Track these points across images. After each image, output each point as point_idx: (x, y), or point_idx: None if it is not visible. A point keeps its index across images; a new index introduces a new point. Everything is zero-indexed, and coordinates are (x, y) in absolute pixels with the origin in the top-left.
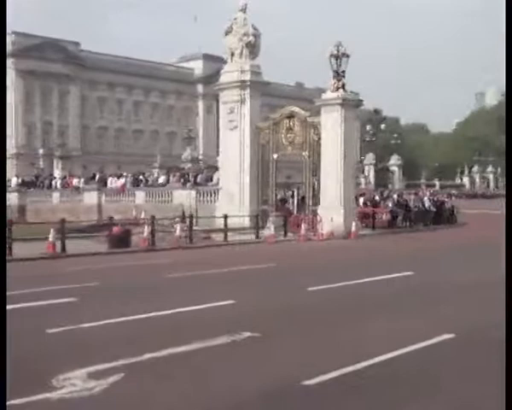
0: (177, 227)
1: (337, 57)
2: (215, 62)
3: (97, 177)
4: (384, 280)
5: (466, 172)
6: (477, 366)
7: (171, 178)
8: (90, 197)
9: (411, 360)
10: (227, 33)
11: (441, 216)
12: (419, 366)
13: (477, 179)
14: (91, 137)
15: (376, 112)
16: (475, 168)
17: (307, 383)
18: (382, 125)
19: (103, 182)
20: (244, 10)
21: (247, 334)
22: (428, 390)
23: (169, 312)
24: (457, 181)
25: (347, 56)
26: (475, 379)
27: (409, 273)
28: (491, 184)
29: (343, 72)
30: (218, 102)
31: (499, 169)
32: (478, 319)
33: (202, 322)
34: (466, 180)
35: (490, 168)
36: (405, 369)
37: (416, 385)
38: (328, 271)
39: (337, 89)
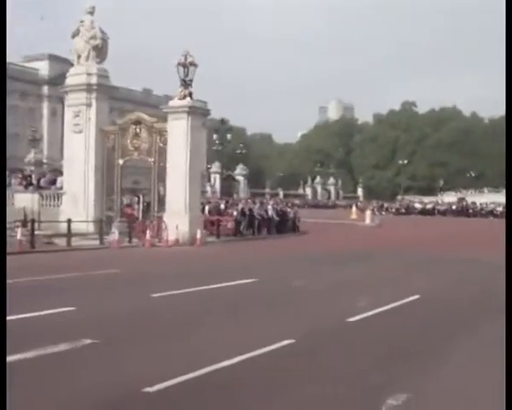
0: (18, 231)
1: (184, 66)
2: (61, 64)
3: None
4: (227, 287)
5: (309, 182)
6: (315, 370)
7: (13, 180)
8: None
9: (253, 366)
10: (74, 35)
11: (284, 225)
12: (259, 372)
13: (319, 190)
14: None
15: (223, 122)
16: (317, 179)
17: (148, 390)
18: (229, 135)
19: None
20: (92, 13)
21: (88, 341)
22: (268, 396)
23: (8, 318)
24: (300, 191)
25: (195, 65)
26: (315, 383)
27: (252, 280)
28: (332, 195)
29: (190, 80)
30: (63, 104)
31: (339, 181)
32: (318, 324)
33: (41, 329)
34: (308, 190)
35: (331, 180)
36: (246, 375)
37: (257, 391)
38: (172, 277)
39: (184, 97)
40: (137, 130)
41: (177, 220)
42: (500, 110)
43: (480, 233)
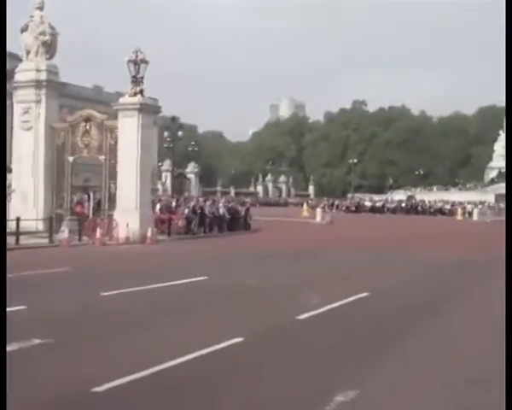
0: None
1: (135, 63)
2: (10, 60)
3: None
4: (178, 285)
5: (260, 180)
6: (264, 368)
7: None
8: None
9: (202, 365)
10: (23, 31)
11: (236, 223)
12: (208, 371)
13: (270, 188)
14: None
15: (174, 119)
16: (269, 177)
17: (96, 390)
18: (180, 133)
19: None
20: (41, 8)
21: (37, 341)
22: (217, 395)
23: None
24: (252, 189)
25: (146, 63)
26: (264, 381)
27: (203, 278)
28: (284, 193)
29: (141, 77)
30: (12, 100)
31: (291, 178)
32: (267, 322)
33: None
34: (260, 188)
35: (282, 177)
36: (195, 374)
37: (205, 390)
38: (122, 276)
39: (135, 94)
40: (88, 127)
41: (128, 218)
42: (448, 109)
43: (427, 231)
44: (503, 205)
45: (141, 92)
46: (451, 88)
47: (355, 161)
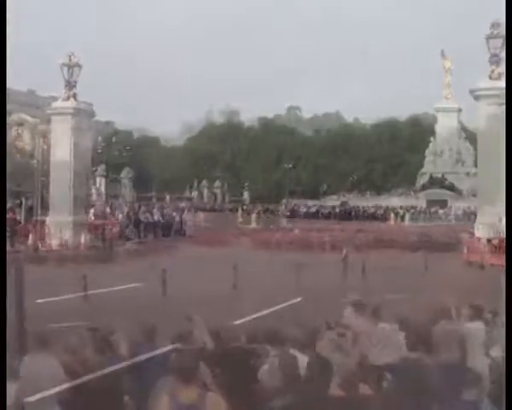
0: None
1: (69, 67)
2: None
3: None
4: (111, 292)
5: (195, 185)
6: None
7: None
8: None
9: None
10: None
11: (170, 228)
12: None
13: (205, 193)
14: None
15: (108, 124)
16: (204, 183)
17: None
18: (114, 138)
19: None
20: None
21: None
22: None
23: None
24: (187, 194)
25: (79, 66)
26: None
27: (137, 285)
28: (219, 198)
29: (75, 81)
30: None
31: (226, 184)
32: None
33: None
34: (195, 194)
35: (217, 183)
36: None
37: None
38: (55, 283)
39: (68, 98)
40: (20, 131)
41: (61, 224)
42: (382, 116)
43: (360, 235)
44: (433, 209)
45: (74, 96)
46: (385, 95)
47: (290, 166)
